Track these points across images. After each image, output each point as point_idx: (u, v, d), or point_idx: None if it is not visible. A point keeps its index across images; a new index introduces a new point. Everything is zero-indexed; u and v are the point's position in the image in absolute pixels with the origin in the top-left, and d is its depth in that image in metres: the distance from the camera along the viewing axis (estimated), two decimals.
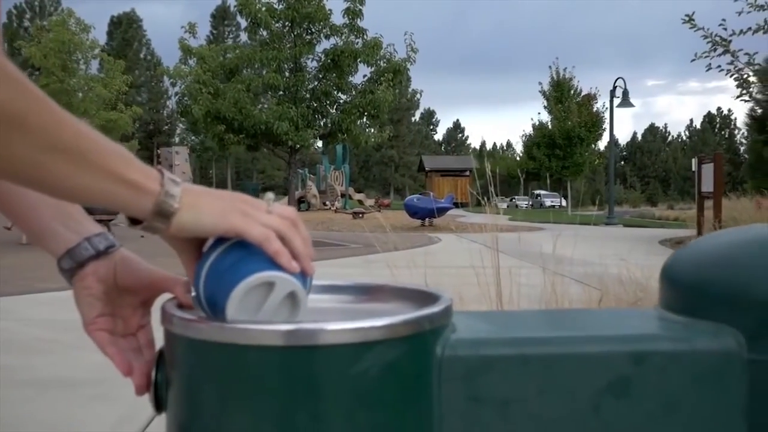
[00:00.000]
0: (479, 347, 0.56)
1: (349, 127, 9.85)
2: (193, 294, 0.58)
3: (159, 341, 0.63)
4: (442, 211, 17.46)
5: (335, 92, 10.02)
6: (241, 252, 0.54)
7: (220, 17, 63.80)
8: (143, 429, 2.51)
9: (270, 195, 0.58)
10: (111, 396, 2.93)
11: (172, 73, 9.91)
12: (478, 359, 0.55)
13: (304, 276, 0.56)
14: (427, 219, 17.21)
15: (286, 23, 9.61)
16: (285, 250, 0.54)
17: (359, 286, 0.70)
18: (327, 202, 28.23)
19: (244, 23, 9.98)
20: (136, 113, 16.29)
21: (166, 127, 64.97)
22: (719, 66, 8.35)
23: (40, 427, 2.54)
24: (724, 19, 8.05)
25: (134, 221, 0.54)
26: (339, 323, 0.53)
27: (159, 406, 0.59)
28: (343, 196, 29.61)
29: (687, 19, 8.27)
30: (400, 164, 73.48)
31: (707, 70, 8.35)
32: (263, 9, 9.31)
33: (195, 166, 56.27)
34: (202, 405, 0.55)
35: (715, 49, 8.14)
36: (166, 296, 0.63)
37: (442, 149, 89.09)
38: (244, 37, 10.50)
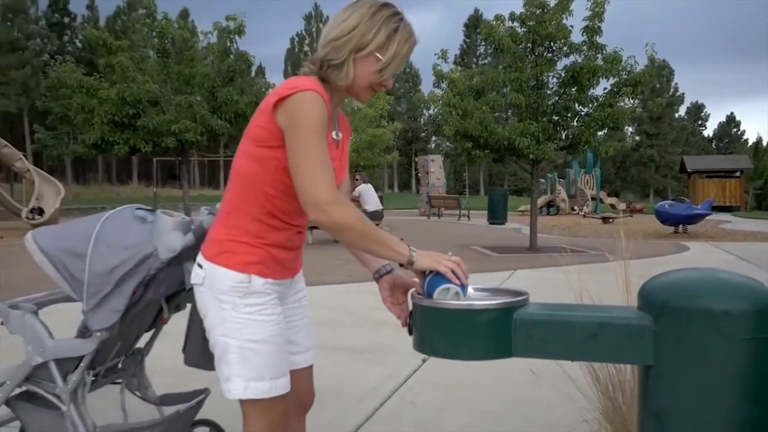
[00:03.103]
0: (529, 315, 1.40)
1: (589, 140, 10.21)
2: (422, 289, 1.50)
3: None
4: (698, 217, 16.62)
5: (575, 106, 10.45)
6: (438, 276, 1.46)
7: (473, 26, 66.03)
8: (401, 383, 3.59)
9: (450, 253, 1.49)
10: (379, 361, 4.09)
11: (426, 99, 11.24)
12: (529, 320, 1.40)
13: (463, 286, 1.46)
14: (680, 226, 16.52)
15: (528, 45, 10.30)
16: (453, 276, 1.44)
17: (494, 288, 1.57)
18: (575, 207, 28.04)
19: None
20: (396, 128, 18.28)
21: (423, 134, 69.03)
22: None
23: (333, 377, 3.74)
24: None
25: (401, 265, 1.49)
26: (476, 303, 1.41)
27: (410, 332, 1.52)
28: (593, 199, 29.15)
29: None
30: (661, 164, 68.56)
31: None
32: (506, 36, 10.11)
33: (449, 171, 59.12)
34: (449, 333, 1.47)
35: None
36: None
37: (713, 146, 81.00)
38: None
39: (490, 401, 3.28)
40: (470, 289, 1.53)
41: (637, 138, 67.98)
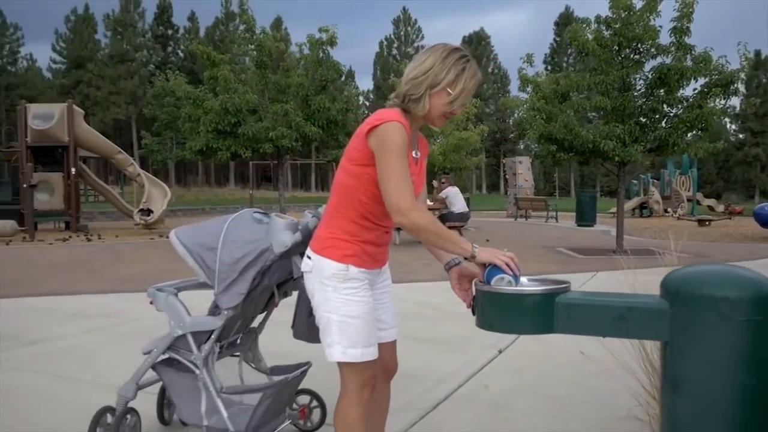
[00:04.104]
0: (568, 300, 1.75)
1: (677, 141, 10.11)
2: (483, 278, 1.87)
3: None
4: None
5: (663, 107, 10.36)
6: (495, 268, 1.83)
7: (563, 24, 64.71)
8: (477, 370, 3.95)
9: (505, 249, 1.85)
10: (459, 350, 4.46)
11: (510, 103, 11.46)
12: (568, 303, 1.74)
13: (515, 276, 1.82)
14: None
15: (614, 48, 10.31)
16: (507, 268, 1.81)
17: (543, 278, 1.92)
18: (669, 209, 27.14)
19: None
20: (483, 131, 18.47)
21: (512, 135, 68.32)
22: None
23: (417, 363, 4.13)
24: None
25: (466, 258, 1.87)
26: (525, 289, 1.78)
27: (474, 312, 1.90)
28: (689, 201, 28.10)
29: None
30: None
31: None
32: (591, 39, 10.17)
33: (539, 173, 58.27)
34: (489, 316, 1.85)
35: None
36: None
37: None
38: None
39: (558, 387, 3.59)
40: (524, 279, 1.89)
41: (741, 136, 64.40)
